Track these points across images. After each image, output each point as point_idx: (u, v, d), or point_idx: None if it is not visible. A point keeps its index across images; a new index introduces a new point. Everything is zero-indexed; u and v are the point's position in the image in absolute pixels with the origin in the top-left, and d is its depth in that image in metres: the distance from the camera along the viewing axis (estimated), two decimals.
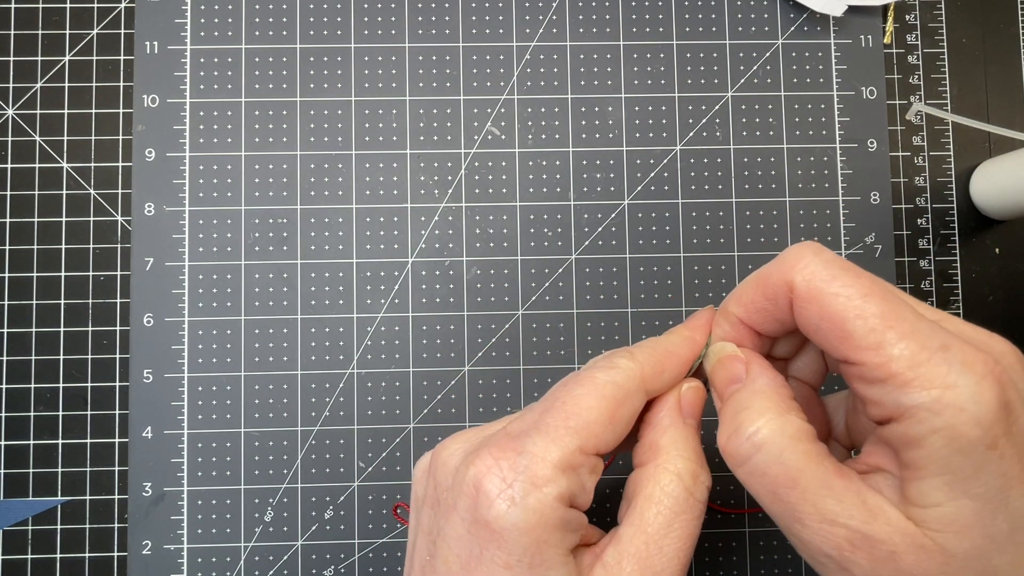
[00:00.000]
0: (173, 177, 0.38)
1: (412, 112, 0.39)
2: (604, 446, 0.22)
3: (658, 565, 0.21)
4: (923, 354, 0.19)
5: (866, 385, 0.20)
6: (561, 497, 0.21)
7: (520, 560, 0.20)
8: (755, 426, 0.21)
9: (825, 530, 0.19)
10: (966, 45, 0.41)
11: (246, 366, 0.38)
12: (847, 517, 0.19)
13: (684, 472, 0.22)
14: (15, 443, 0.37)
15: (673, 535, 0.22)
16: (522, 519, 0.20)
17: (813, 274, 0.21)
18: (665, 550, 0.21)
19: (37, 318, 0.38)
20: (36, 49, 0.39)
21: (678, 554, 0.21)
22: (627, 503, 0.23)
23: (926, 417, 0.19)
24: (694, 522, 0.22)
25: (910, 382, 0.19)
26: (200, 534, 0.37)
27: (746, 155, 0.39)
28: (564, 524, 0.21)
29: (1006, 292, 0.39)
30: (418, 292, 0.38)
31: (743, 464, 0.21)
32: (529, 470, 0.21)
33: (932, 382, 0.19)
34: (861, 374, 0.20)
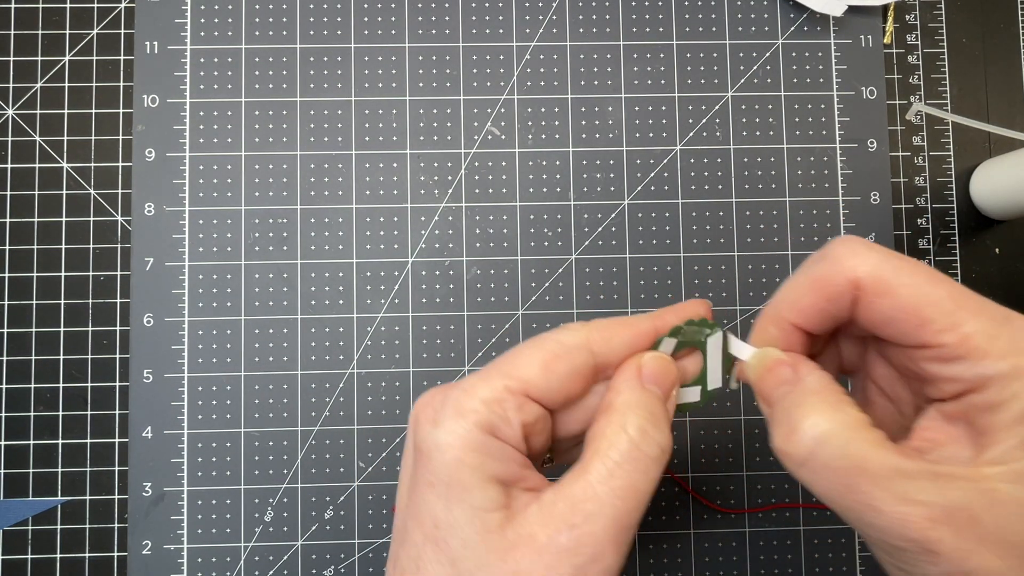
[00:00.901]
0: (173, 177, 0.38)
1: (412, 112, 0.39)
2: (535, 391, 0.23)
3: (591, 509, 0.21)
4: (994, 328, 0.21)
5: (943, 364, 0.21)
6: (480, 424, 0.22)
7: (440, 479, 0.22)
8: (812, 422, 0.21)
9: (903, 512, 0.20)
10: (966, 45, 0.41)
11: (246, 366, 0.38)
12: (923, 493, 0.20)
13: (632, 427, 0.23)
14: (15, 443, 0.37)
15: (613, 483, 0.22)
16: (441, 439, 0.22)
17: (877, 268, 0.22)
18: (601, 496, 0.22)
19: (37, 318, 0.38)
20: (36, 49, 0.39)
21: (614, 503, 0.21)
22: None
23: (1006, 383, 0.20)
24: (639, 476, 0.22)
25: (988, 354, 0.20)
26: (200, 534, 0.37)
27: (746, 155, 0.39)
28: (483, 449, 0.22)
29: (1006, 292, 0.39)
30: (418, 292, 0.38)
31: (805, 463, 0.21)
32: (455, 400, 0.23)
33: (1008, 351, 0.20)
34: (939, 355, 0.21)
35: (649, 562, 0.38)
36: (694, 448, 0.38)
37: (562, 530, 0.21)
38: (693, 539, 0.38)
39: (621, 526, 0.21)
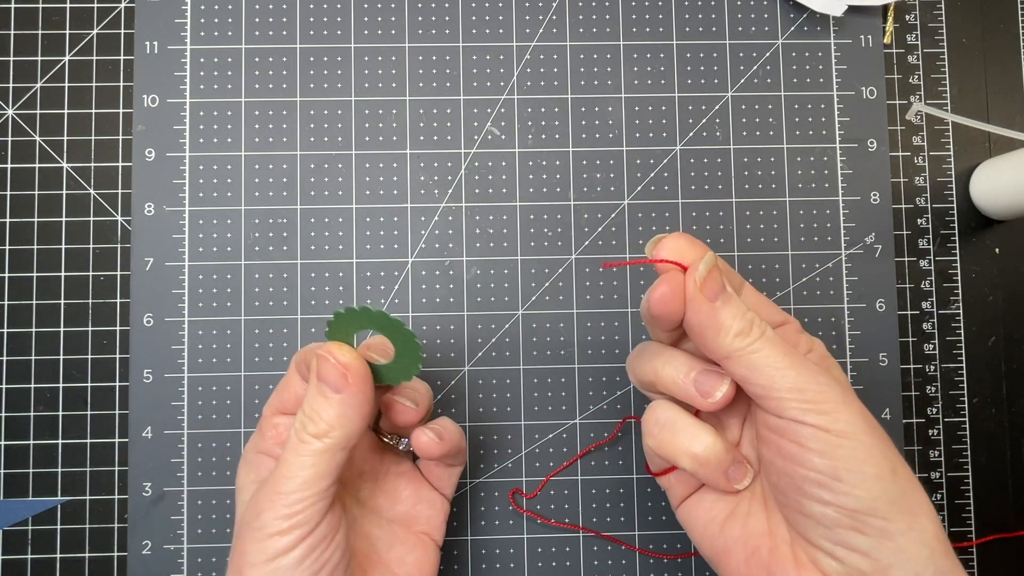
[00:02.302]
0: (173, 177, 0.38)
1: (412, 112, 0.39)
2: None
3: (263, 490, 0.27)
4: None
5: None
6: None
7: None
8: (749, 312, 0.27)
9: (817, 367, 0.26)
10: (966, 45, 0.41)
11: (246, 366, 0.38)
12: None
13: (299, 417, 0.28)
14: (15, 443, 0.37)
15: (282, 469, 0.27)
16: None
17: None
18: (274, 474, 0.27)
19: (37, 318, 0.38)
20: (36, 49, 0.39)
21: (275, 475, 0.27)
22: None
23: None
24: (295, 457, 0.27)
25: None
26: (200, 534, 0.37)
27: (746, 155, 0.39)
28: None
29: (1006, 292, 0.40)
30: (418, 292, 0.38)
31: (762, 334, 0.26)
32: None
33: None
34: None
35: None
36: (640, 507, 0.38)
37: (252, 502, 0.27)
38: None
39: (277, 490, 0.27)
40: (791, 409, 0.25)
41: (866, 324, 0.39)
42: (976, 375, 0.39)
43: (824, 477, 0.24)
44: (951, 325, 0.39)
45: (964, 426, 0.39)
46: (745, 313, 0.26)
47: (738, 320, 0.26)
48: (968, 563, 0.38)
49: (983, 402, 0.39)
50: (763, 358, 0.26)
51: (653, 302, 0.27)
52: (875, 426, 0.26)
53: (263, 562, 0.26)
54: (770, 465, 0.27)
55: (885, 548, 0.24)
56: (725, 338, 0.26)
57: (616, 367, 0.38)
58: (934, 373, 0.39)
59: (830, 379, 0.26)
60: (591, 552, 0.37)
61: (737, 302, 0.26)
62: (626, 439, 0.38)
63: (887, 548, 0.24)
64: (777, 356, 0.26)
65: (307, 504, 0.26)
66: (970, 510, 0.38)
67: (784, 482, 0.26)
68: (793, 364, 0.25)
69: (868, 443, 0.25)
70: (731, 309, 0.26)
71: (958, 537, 0.38)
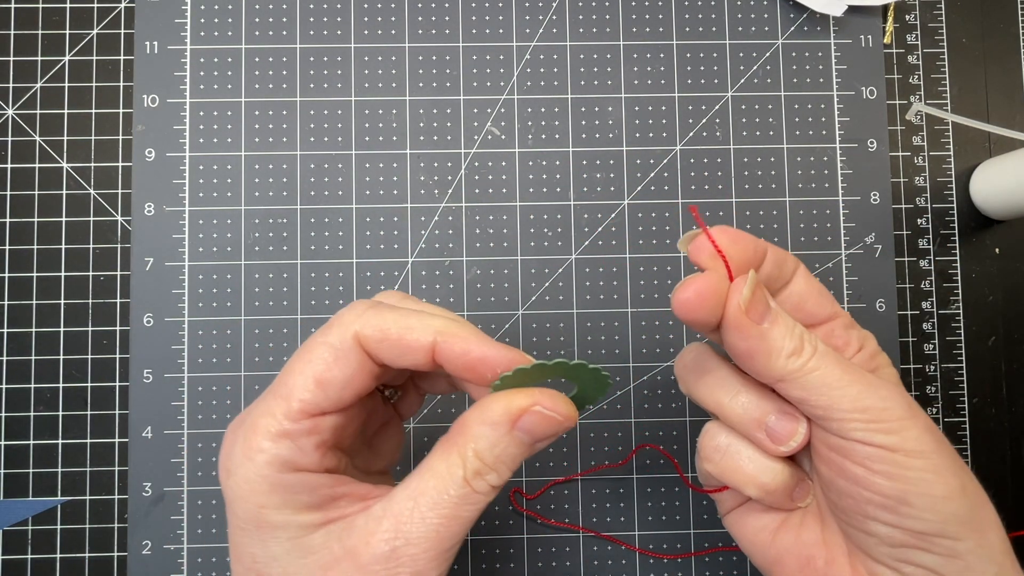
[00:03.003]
0: (173, 177, 0.38)
1: (412, 112, 0.39)
2: (318, 408, 0.23)
3: (414, 533, 0.22)
4: None
5: (846, 329, 0.28)
6: (273, 463, 0.22)
7: (246, 523, 0.23)
8: (798, 324, 0.25)
9: (881, 380, 0.25)
10: (966, 45, 0.41)
11: (246, 366, 0.38)
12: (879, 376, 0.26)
13: (471, 466, 0.23)
14: (15, 443, 0.37)
15: (439, 511, 0.22)
16: (236, 488, 0.23)
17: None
18: (427, 521, 0.22)
19: (37, 318, 0.38)
20: (36, 49, 0.39)
21: (438, 530, 0.22)
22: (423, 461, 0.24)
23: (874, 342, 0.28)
24: (464, 507, 0.23)
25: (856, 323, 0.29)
26: (200, 534, 0.37)
27: (746, 155, 0.39)
28: (282, 487, 0.22)
29: (1006, 292, 0.39)
30: (418, 292, 0.38)
31: (816, 351, 0.24)
32: (244, 443, 0.23)
33: None
34: (843, 323, 0.28)
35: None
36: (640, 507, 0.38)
37: (383, 547, 0.22)
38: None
39: (442, 548, 0.22)
40: (855, 430, 0.23)
41: (866, 324, 0.38)
42: (976, 375, 0.39)
43: (890, 501, 0.23)
44: (951, 325, 0.39)
45: (964, 426, 0.39)
46: (794, 329, 0.24)
47: (788, 339, 0.24)
48: None
49: (983, 402, 0.39)
50: (820, 377, 0.24)
51: (678, 306, 0.24)
52: (941, 439, 0.24)
53: None
54: (830, 484, 0.25)
55: (953, 566, 0.23)
56: (777, 361, 0.24)
57: (616, 367, 0.38)
58: (934, 373, 0.39)
59: (892, 390, 0.24)
60: (591, 552, 0.37)
61: (784, 318, 0.24)
62: (626, 440, 0.38)
63: (955, 566, 0.23)
64: (835, 373, 0.24)
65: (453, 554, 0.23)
66: None
67: (846, 503, 0.24)
68: (853, 380, 0.24)
69: (937, 461, 0.23)
70: (780, 328, 0.24)
71: None
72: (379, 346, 0.23)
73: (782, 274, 0.26)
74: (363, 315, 0.23)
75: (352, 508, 0.23)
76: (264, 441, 0.22)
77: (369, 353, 0.23)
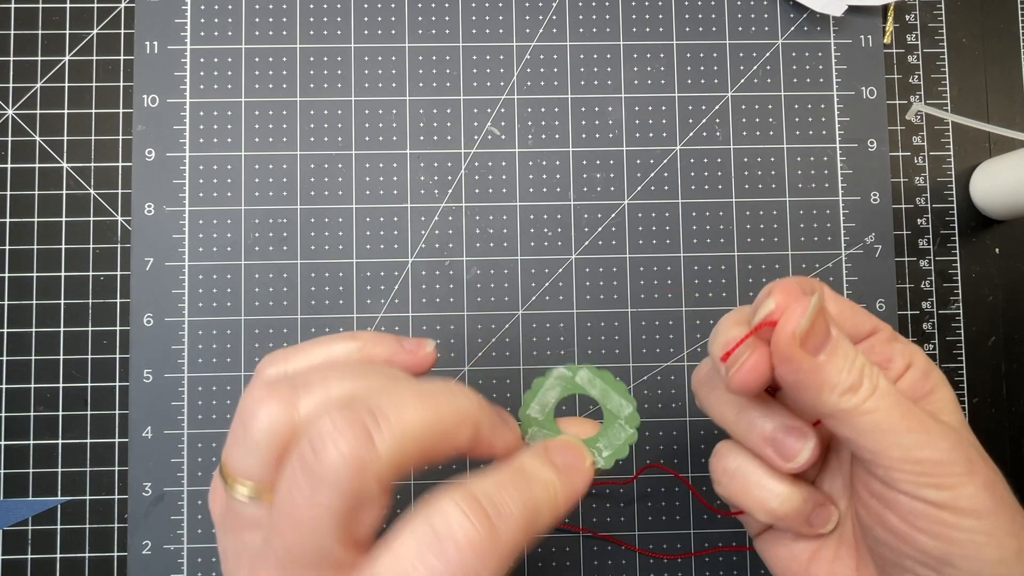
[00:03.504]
0: (173, 177, 0.38)
1: (412, 112, 0.39)
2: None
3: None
4: None
5: (889, 343, 0.26)
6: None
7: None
8: (859, 354, 0.22)
9: (945, 426, 0.22)
10: (966, 45, 0.41)
11: (246, 366, 0.38)
12: (943, 420, 0.23)
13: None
14: (15, 443, 0.37)
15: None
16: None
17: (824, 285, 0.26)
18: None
19: (37, 318, 0.38)
20: (36, 49, 0.39)
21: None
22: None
23: (924, 357, 0.26)
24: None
25: (902, 336, 0.27)
26: (200, 534, 0.37)
27: (746, 155, 0.39)
28: None
29: (1006, 292, 0.40)
30: (418, 292, 0.38)
31: (877, 391, 0.22)
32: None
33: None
34: (886, 337, 0.26)
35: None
36: (640, 507, 0.38)
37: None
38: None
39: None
40: (903, 482, 0.21)
41: None
42: (976, 375, 0.39)
43: (932, 560, 0.21)
44: (951, 325, 0.39)
45: None
46: (854, 362, 0.22)
47: (846, 373, 0.21)
48: None
49: (983, 402, 0.39)
50: (874, 421, 0.21)
51: (738, 388, 0.22)
52: (1004, 496, 0.22)
53: None
54: (867, 529, 0.24)
55: None
56: (830, 397, 0.21)
57: (616, 367, 0.38)
58: None
59: (954, 441, 0.21)
60: (591, 552, 0.37)
61: (846, 348, 0.22)
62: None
63: None
64: (892, 418, 0.21)
65: None
66: None
67: (883, 550, 0.23)
68: (911, 427, 0.21)
69: (992, 523, 0.21)
70: (838, 362, 0.22)
71: None
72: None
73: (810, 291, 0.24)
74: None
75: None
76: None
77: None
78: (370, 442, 0.18)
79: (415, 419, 0.19)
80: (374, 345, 0.23)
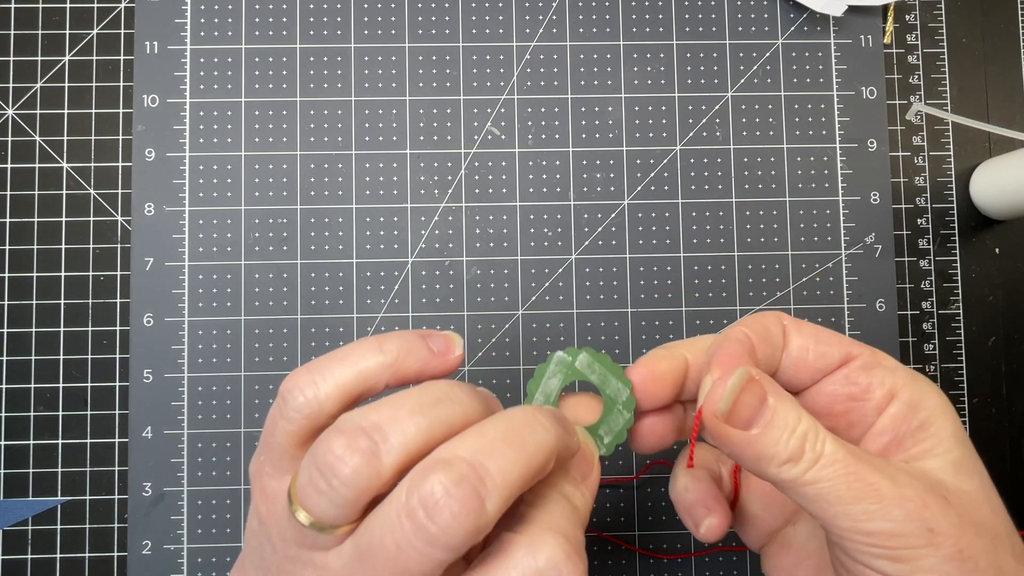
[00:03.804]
0: (173, 177, 0.38)
1: (412, 112, 0.39)
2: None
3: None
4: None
5: (867, 371, 0.24)
6: None
7: None
8: (804, 420, 0.21)
9: (901, 495, 0.20)
10: (966, 45, 0.41)
11: (246, 366, 0.38)
12: (904, 480, 0.20)
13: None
14: (15, 443, 0.37)
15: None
16: None
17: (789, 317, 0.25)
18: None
19: (37, 318, 0.38)
20: (36, 49, 0.39)
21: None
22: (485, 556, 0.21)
23: (922, 384, 0.23)
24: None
25: (893, 361, 0.24)
26: (200, 534, 0.37)
27: (746, 155, 0.39)
28: None
29: (1006, 292, 0.39)
30: (418, 292, 0.38)
31: (817, 462, 0.21)
32: None
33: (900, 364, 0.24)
34: (862, 364, 0.24)
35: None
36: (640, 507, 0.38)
37: None
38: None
39: None
40: (857, 552, 0.20)
41: (866, 324, 0.39)
42: (976, 375, 0.39)
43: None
44: (951, 325, 0.39)
45: (964, 426, 0.39)
46: (796, 430, 0.21)
47: (783, 444, 0.20)
48: None
49: (983, 402, 0.39)
50: (818, 492, 0.20)
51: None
52: (974, 568, 0.20)
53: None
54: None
55: None
56: (768, 468, 0.21)
57: None
58: (934, 373, 0.39)
59: (915, 506, 0.20)
60: (591, 552, 0.37)
61: (784, 418, 0.21)
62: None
63: None
64: (838, 488, 0.20)
65: None
66: None
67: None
68: (861, 496, 0.20)
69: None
70: (774, 433, 0.21)
71: None
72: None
73: (772, 347, 0.23)
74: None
75: None
76: None
77: None
78: (482, 505, 0.18)
79: (514, 472, 0.19)
80: (404, 357, 0.23)
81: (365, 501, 0.20)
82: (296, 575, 0.21)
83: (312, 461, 0.20)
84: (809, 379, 0.24)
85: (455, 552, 0.18)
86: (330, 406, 0.22)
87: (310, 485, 0.20)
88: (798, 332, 0.24)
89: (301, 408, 0.22)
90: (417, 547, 0.18)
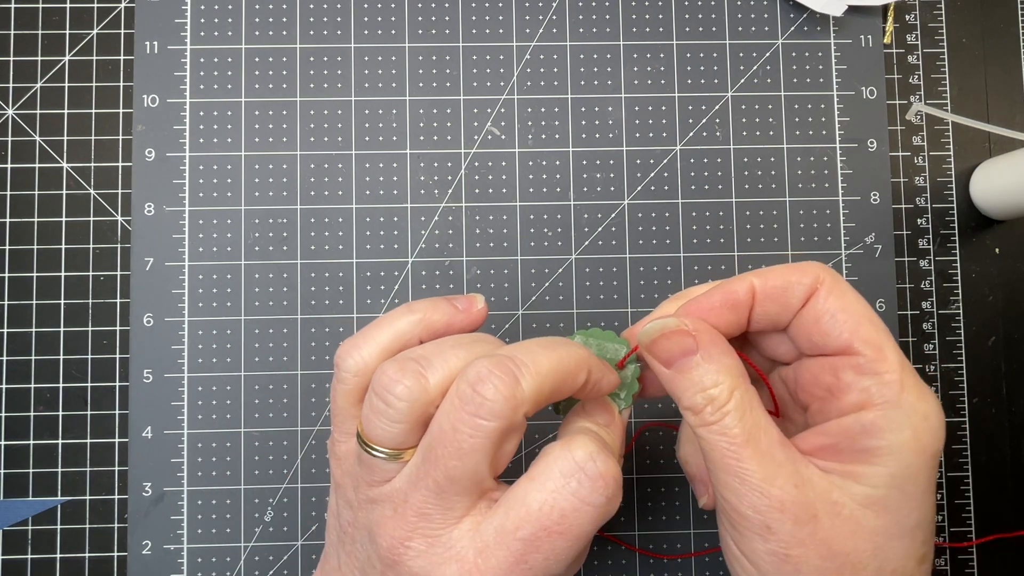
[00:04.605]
0: (173, 177, 0.38)
1: (412, 112, 0.39)
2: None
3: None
4: (903, 363, 0.23)
5: (857, 374, 0.23)
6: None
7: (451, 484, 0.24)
8: (722, 389, 0.23)
9: (763, 489, 0.22)
10: (966, 45, 0.41)
11: (246, 366, 0.38)
12: (784, 481, 0.22)
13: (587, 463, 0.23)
14: (15, 443, 0.37)
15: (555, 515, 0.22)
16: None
17: (838, 277, 0.24)
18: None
19: (37, 318, 0.38)
20: (36, 49, 0.39)
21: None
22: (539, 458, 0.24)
23: (903, 417, 0.22)
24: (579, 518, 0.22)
25: (896, 382, 0.22)
26: (200, 534, 0.37)
27: (746, 155, 0.39)
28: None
29: (1006, 292, 0.39)
30: (418, 292, 0.38)
31: (710, 424, 0.23)
32: None
33: (911, 390, 0.22)
34: (857, 364, 0.23)
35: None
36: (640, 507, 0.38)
37: (496, 553, 0.22)
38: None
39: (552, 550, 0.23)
40: (720, 502, 0.23)
41: None
42: (976, 375, 0.39)
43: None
44: (951, 325, 0.39)
45: (964, 426, 0.39)
46: (705, 390, 0.23)
47: (688, 394, 0.23)
48: (968, 563, 0.38)
49: (983, 402, 0.39)
50: (704, 448, 0.23)
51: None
52: (797, 571, 0.22)
53: None
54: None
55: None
56: (679, 403, 0.23)
57: None
58: (934, 373, 0.39)
59: (772, 506, 0.22)
60: (591, 552, 0.37)
61: (702, 375, 0.23)
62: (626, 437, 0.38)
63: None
64: (714, 455, 0.22)
65: None
66: (970, 510, 0.38)
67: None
68: (731, 472, 0.22)
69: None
70: (683, 382, 0.23)
71: (958, 537, 0.38)
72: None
73: (781, 305, 0.24)
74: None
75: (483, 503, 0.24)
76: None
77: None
78: (517, 381, 0.22)
79: (546, 363, 0.23)
80: (432, 312, 0.26)
81: (418, 415, 0.23)
82: (373, 514, 0.24)
83: (371, 391, 0.23)
84: (806, 347, 0.25)
85: (499, 420, 0.21)
86: (375, 363, 0.25)
87: (371, 411, 0.23)
88: (828, 295, 0.24)
89: (351, 368, 0.25)
90: (466, 420, 0.22)
